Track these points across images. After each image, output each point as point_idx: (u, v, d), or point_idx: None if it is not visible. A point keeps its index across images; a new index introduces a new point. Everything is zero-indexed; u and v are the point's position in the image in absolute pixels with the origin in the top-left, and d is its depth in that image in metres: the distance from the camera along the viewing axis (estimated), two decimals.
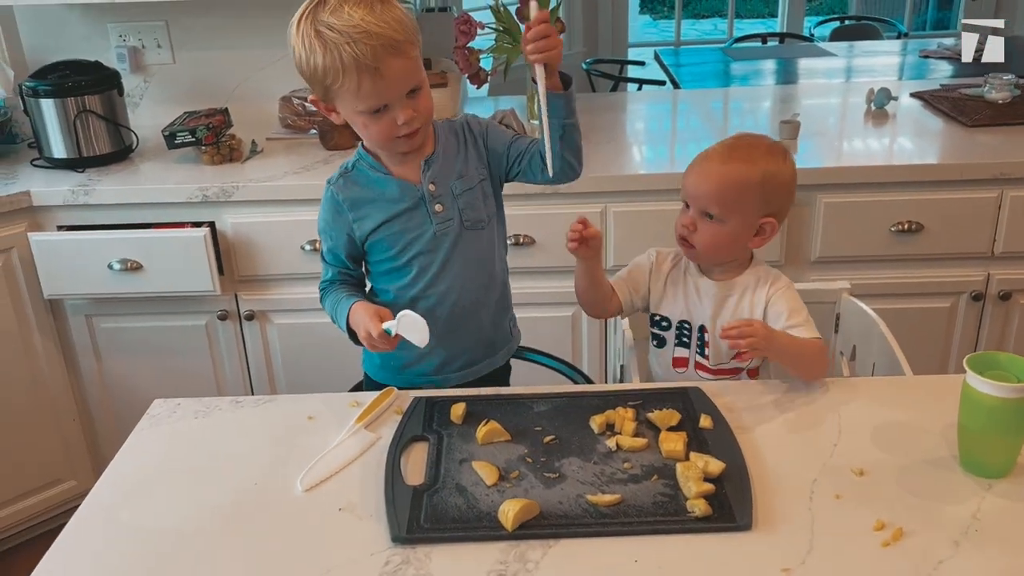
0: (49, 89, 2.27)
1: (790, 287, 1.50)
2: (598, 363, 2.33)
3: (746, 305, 1.50)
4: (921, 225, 2.20)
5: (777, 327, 1.46)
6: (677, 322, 1.54)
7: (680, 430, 1.25)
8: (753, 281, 1.50)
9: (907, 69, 4.14)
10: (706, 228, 1.45)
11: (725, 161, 1.44)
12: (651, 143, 2.57)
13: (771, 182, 1.43)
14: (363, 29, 1.24)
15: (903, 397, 1.37)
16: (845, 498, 1.13)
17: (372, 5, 1.27)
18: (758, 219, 1.45)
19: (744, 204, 1.43)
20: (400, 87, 1.30)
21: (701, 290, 1.52)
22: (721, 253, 1.49)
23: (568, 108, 1.39)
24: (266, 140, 2.51)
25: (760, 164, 1.43)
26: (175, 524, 1.14)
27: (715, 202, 1.43)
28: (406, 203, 1.43)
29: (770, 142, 1.48)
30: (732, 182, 1.42)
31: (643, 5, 9.84)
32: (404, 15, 1.30)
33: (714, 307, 1.51)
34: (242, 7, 2.59)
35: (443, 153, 1.45)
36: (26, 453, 2.33)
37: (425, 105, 1.35)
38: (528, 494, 1.14)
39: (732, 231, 1.45)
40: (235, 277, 2.27)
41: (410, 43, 1.29)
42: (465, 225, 1.45)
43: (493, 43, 2.58)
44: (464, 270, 1.47)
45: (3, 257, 2.18)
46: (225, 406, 1.39)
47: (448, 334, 1.49)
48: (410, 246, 1.45)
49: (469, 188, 1.45)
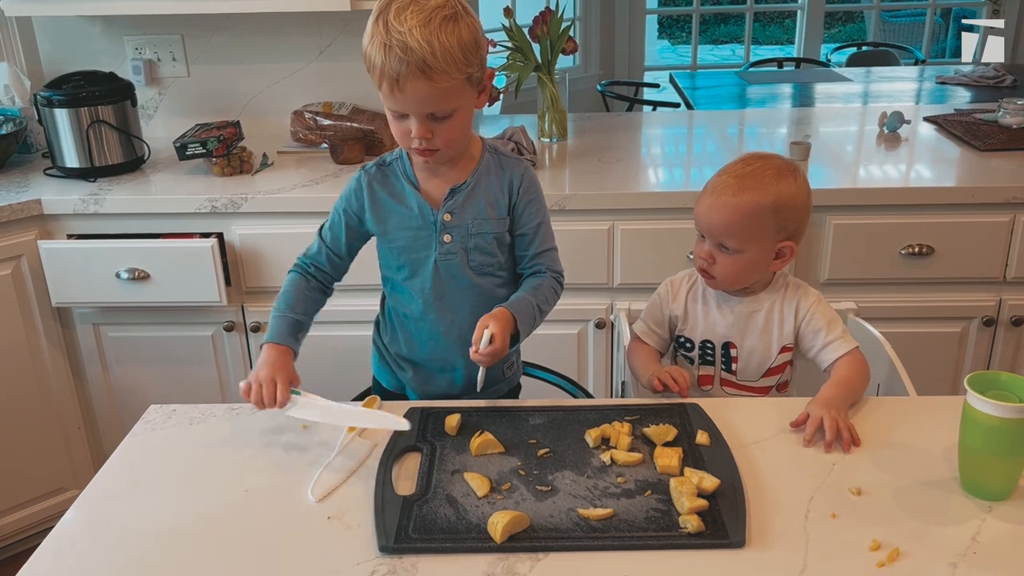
0: (63, 99, 2.29)
1: (820, 300, 1.49)
2: (603, 381, 2.31)
3: (775, 320, 1.49)
4: (932, 248, 2.18)
5: (817, 343, 1.47)
6: (700, 341, 1.53)
7: (676, 446, 1.24)
8: (780, 295, 1.50)
9: (924, 95, 4.12)
10: (725, 260, 1.44)
11: (736, 192, 1.41)
12: (661, 162, 2.57)
13: (785, 206, 1.41)
14: (403, 41, 1.22)
15: (905, 417, 1.34)
16: (841, 517, 1.11)
17: (431, 19, 1.23)
18: (776, 244, 1.44)
19: (760, 233, 1.42)
20: (417, 107, 1.28)
21: (724, 308, 1.51)
22: (742, 282, 1.48)
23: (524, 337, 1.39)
24: (277, 153, 2.52)
25: (771, 189, 1.40)
26: (162, 529, 1.13)
27: (730, 235, 1.42)
28: (417, 222, 1.41)
29: (780, 162, 1.46)
30: (745, 214, 1.41)
31: (661, 30, 9.87)
32: (460, 42, 1.25)
33: (741, 323, 1.50)
34: (257, 23, 2.61)
35: (474, 187, 1.41)
36: (31, 460, 2.33)
37: (448, 134, 1.32)
38: (519, 506, 1.13)
39: (751, 260, 1.44)
40: (242, 288, 2.28)
41: (444, 72, 1.24)
42: (470, 264, 1.43)
43: (505, 61, 2.59)
44: (460, 306, 1.44)
45: (13, 264, 2.19)
46: (220, 413, 1.39)
47: (429, 360, 1.49)
48: (410, 265, 1.44)
49: (486, 231, 1.42)
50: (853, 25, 9.76)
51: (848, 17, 9.81)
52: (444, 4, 1.25)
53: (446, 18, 1.24)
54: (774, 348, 1.50)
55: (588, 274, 2.22)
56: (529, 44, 2.57)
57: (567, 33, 2.58)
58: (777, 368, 1.51)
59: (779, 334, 1.49)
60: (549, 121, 2.63)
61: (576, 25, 5.66)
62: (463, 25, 1.26)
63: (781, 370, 1.52)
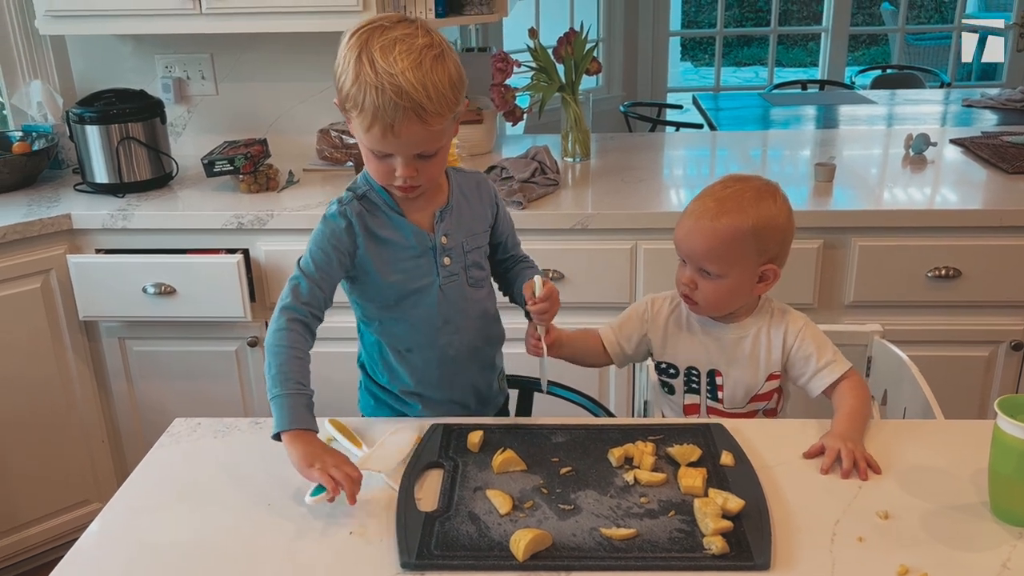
0: (94, 116, 2.33)
1: (808, 323, 1.47)
2: (625, 401, 2.30)
3: (762, 346, 1.47)
4: (959, 271, 2.16)
5: (808, 370, 1.44)
6: (684, 368, 1.51)
7: (700, 466, 1.23)
8: (766, 321, 1.48)
9: (950, 117, 4.10)
10: (706, 285, 1.42)
11: (714, 216, 1.39)
12: (684, 182, 2.57)
13: (765, 229, 1.39)
14: (396, 84, 1.18)
15: (933, 440, 1.33)
16: (868, 541, 1.09)
17: (422, 61, 1.20)
18: (758, 268, 1.41)
19: (741, 257, 1.39)
20: (409, 149, 1.26)
21: (710, 334, 1.49)
22: (725, 307, 1.46)
23: None
24: (303, 171, 2.55)
25: (750, 212, 1.38)
26: (186, 541, 1.13)
27: (710, 260, 1.40)
28: (416, 251, 1.38)
29: (759, 183, 1.43)
30: (724, 238, 1.38)
31: (684, 52, 9.89)
32: (450, 81, 1.23)
33: (727, 351, 1.48)
34: (284, 43, 2.65)
35: (457, 206, 1.41)
36: (55, 472, 2.35)
37: (432, 170, 1.31)
38: (541, 525, 1.12)
39: (733, 285, 1.42)
40: (266, 304, 2.29)
41: (438, 114, 1.22)
42: (469, 282, 1.44)
43: (529, 81, 2.61)
44: (464, 325, 1.45)
45: (42, 278, 2.23)
46: (244, 427, 1.40)
47: (439, 386, 1.48)
48: (412, 295, 1.40)
49: (478, 246, 1.44)
50: (877, 48, 9.74)
51: (872, 40, 9.79)
52: (431, 43, 1.22)
53: (435, 57, 1.22)
54: (761, 375, 1.47)
55: (610, 293, 2.22)
56: (553, 64, 2.58)
57: (591, 54, 2.59)
58: (764, 395, 1.48)
59: (766, 361, 1.46)
60: (572, 141, 2.64)
61: (600, 46, 5.68)
62: (450, 62, 1.24)
63: (768, 397, 1.49)
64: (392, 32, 1.22)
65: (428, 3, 2.44)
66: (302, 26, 2.37)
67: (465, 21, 2.64)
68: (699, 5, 10.26)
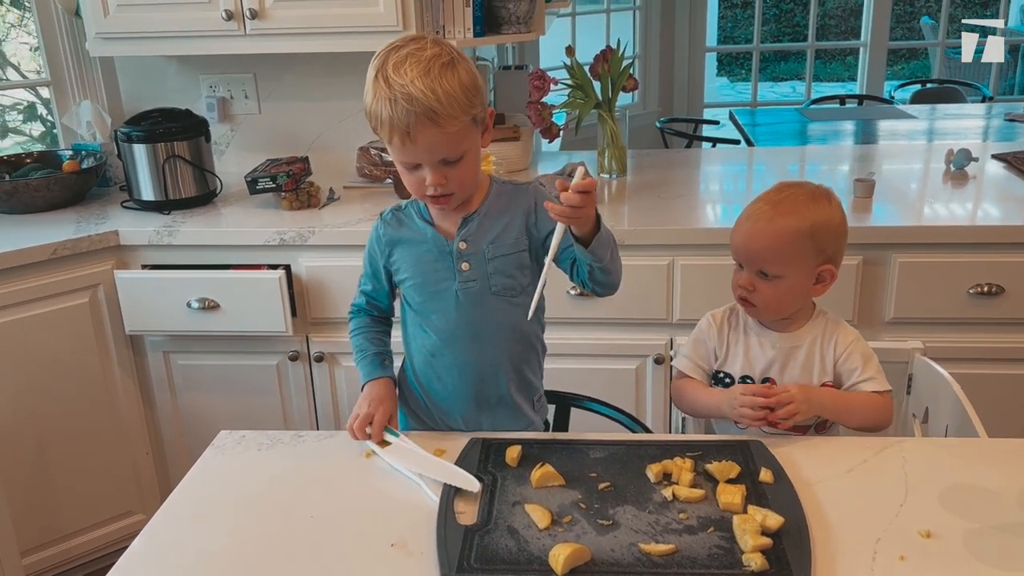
0: (141, 135, 2.39)
1: (858, 339, 1.48)
2: (662, 417, 2.30)
3: (816, 357, 1.47)
4: (1001, 288, 2.13)
5: (848, 382, 1.46)
6: (739, 378, 1.52)
7: (739, 483, 1.23)
8: (820, 332, 1.48)
9: (992, 132, 4.05)
10: (764, 287, 1.44)
11: (772, 218, 1.42)
12: (720, 198, 2.57)
13: (822, 229, 1.41)
14: (407, 92, 1.25)
15: (976, 459, 1.31)
16: (910, 560, 1.08)
17: (431, 68, 1.26)
18: (815, 268, 1.44)
19: (799, 257, 1.42)
20: (430, 155, 1.31)
21: (765, 344, 1.50)
22: (784, 309, 1.47)
23: (596, 255, 1.33)
24: (343, 188, 2.59)
25: (807, 213, 1.41)
26: (230, 552, 1.16)
27: (769, 261, 1.42)
28: (434, 255, 1.44)
29: (812, 187, 1.46)
30: (783, 238, 1.41)
31: (720, 67, 9.87)
32: (461, 86, 1.28)
33: (782, 360, 1.48)
34: (325, 63, 2.70)
35: (485, 213, 1.43)
36: (100, 484, 2.40)
37: (461, 176, 1.35)
38: (580, 539, 1.13)
39: (791, 286, 1.44)
40: (307, 319, 2.33)
41: (451, 117, 1.27)
42: (492, 290, 1.44)
43: (566, 98, 2.63)
44: (490, 336, 1.45)
45: (90, 293, 2.28)
46: (287, 439, 1.42)
47: (464, 399, 1.49)
48: (432, 299, 1.45)
49: (503, 254, 1.43)
50: (917, 62, 9.64)
51: (912, 54, 9.70)
52: (440, 52, 1.29)
53: (444, 65, 1.27)
54: (815, 384, 1.47)
55: (647, 309, 2.22)
56: (590, 82, 2.60)
57: (627, 71, 2.61)
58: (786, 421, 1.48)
59: (820, 370, 1.47)
60: (609, 157, 2.65)
61: (636, 63, 5.70)
62: (461, 69, 1.29)
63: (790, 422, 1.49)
64: (404, 49, 1.29)
65: (466, 23, 2.48)
66: (342, 46, 2.41)
67: (502, 40, 2.67)
68: (735, 20, 10.25)
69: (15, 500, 2.19)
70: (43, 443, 2.30)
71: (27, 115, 3.20)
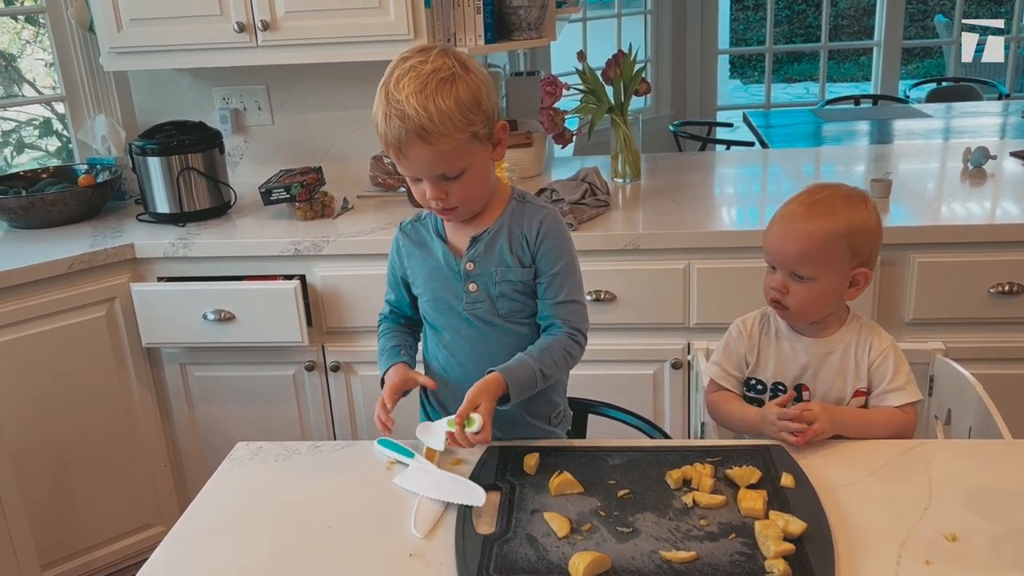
0: (155, 148, 2.40)
1: (893, 346, 1.46)
2: (680, 422, 2.28)
3: (850, 363, 1.45)
4: (1022, 287, 2.11)
5: (878, 389, 1.44)
6: (771, 384, 1.50)
7: (760, 488, 1.21)
8: (854, 338, 1.46)
9: (1009, 129, 4.01)
10: (798, 289, 1.42)
11: (807, 219, 1.40)
12: (736, 201, 2.55)
13: (857, 232, 1.39)
14: (401, 109, 1.25)
15: (1001, 461, 1.29)
16: (935, 565, 1.07)
17: (426, 86, 1.25)
18: (850, 271, 1.41)
19: (834, 259, 1.40)
20: (423, 171, 1.31)
21: (797, 349, 1.48)
22: (817, 311, 1.45)
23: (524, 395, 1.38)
24: (357, 197, 2.59)
25: (843, 215, 1.39)
26: (249, 564, 1.15)
27: (804, 263, 1.40)
28: (444, 272, 1.44)
29: (847, 189, 1.44)
30: (818, 240, 1.39)
31: (733, 70, 9.84)
32: (457, 103, 1.26)
33: (815, 365, 1.46)
34: (337, 73, 2.70)
35: (494, 235, 1.41)
36: (118, 496, 2.41)
37: (463, 192, 1.33)
38: (600, 547, 1.12)
39: (825, 288, 1.41)
40: (323, 329, 2.33)
41: (443, 135, 1.25)
42: (500, 313, 1.42)
43: (578, 103, 2.62)
44: (501, 357, 1.39)
45: (107, 306, 2.29)
46: (304, 450, 1.42)
47: None
48: (443, 316, 1.45)
49: (509, 280, 1.41)
50: (931, 61, 9.59)
51: (926, 53, 9.64)
52: (440, 67, 1.26)
53: (442, 80, 1.26)
54: (848, 390, 1.45)
55: (664, 314, 2.21)
56: (602, 86, 2.59)
57: (640, 75, 2.60)
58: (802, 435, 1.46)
59: (854, 376, 1.45)
60: (622, 161, 2.65)
61: (648, 67, 5.69)
62: (460, 85, 1.27)
63: None
64: (408, 62, 1.29)
65: (477, 29, 2.48)
66: (354, 55, 2.42)
67: (514, 46, 2.66)
68: (747, 22, 10.22)
69: (34, 513, 2.19)
70: (61, 456, 2.30)
71: (43, 130, 3.22)
